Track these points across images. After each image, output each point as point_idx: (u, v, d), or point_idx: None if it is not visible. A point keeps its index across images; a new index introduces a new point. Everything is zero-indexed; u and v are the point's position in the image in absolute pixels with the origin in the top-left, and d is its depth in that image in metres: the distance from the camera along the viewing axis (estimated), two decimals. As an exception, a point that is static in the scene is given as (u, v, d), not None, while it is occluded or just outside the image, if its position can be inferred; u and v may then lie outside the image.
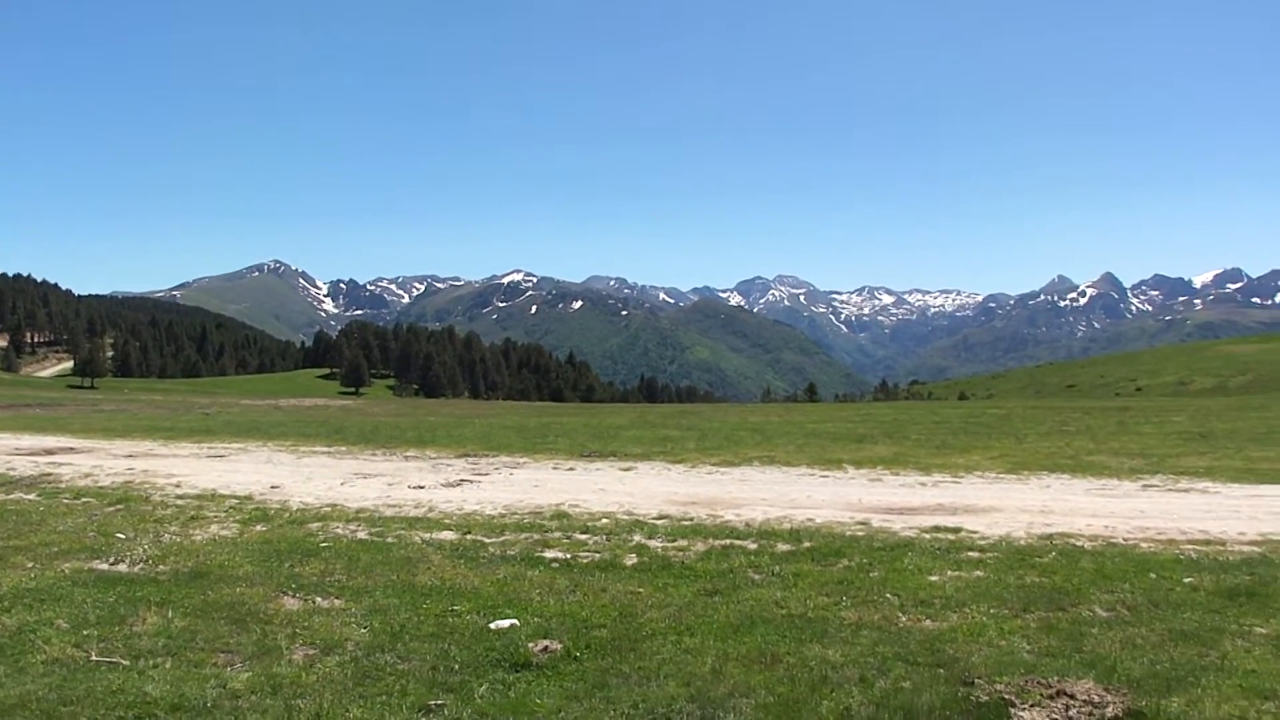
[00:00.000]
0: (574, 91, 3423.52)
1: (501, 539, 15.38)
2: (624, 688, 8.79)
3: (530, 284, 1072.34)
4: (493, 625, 10.50)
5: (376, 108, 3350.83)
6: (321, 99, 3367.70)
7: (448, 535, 15.73)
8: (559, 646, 9.76)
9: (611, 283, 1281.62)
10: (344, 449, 31.21)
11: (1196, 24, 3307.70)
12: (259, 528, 16.50)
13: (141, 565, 13.52)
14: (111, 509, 18.61)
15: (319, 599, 11.67)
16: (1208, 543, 14.98)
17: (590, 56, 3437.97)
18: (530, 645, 9.76)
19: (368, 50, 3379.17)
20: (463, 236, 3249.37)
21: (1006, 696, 8.59)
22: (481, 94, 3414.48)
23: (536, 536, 15.58)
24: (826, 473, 23.97)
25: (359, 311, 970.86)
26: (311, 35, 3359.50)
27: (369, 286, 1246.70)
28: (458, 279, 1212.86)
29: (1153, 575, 12.74)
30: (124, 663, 9.34)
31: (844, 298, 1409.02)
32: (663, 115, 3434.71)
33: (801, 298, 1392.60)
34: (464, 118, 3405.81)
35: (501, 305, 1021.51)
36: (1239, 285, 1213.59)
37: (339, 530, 16.25)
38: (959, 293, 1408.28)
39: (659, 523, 16.81)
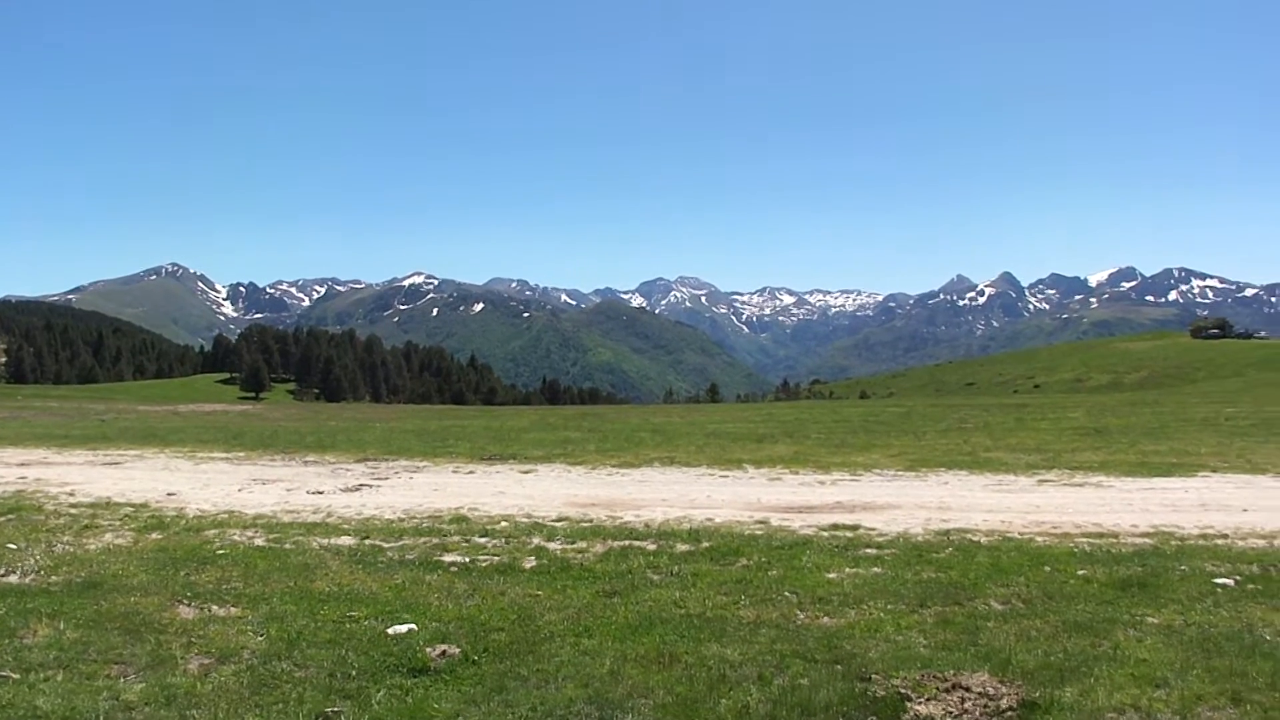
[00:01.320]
0: (473, 94, 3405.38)
1: (400, 543, 15.27)
2: (522, 691, 8.77)
3: (431, 286, 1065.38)
4: (390, 630, 10.41)
5: (274, 106, 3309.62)
6: (217, 97, 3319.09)
7: (346, 540, 15.60)
8: (457, 651, 9.71)
9: (513, 285, 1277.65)
10: (243, 455, 30.84)
11: (1090, 36, 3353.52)
12: (154, 536, 16.23)
13: (33, 576, 13.26)
14: (2, 519, 18.26)
15: (215, 607, 11.51)
16: (1101, 535, 15.24)
17: (490, 60, 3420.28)
18: (428, 650, 9.70)
19: (264, 46, 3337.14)
20: (364, 238, 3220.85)
21: (903, 691, 8.67)
22: (381, 95, 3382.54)
23: (435, 540, 15.49)
24: (727, 473, 24.05)
25: (259, 315, 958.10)
26: (208, 32, 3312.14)
27: (269, 290, 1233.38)
28: (359, 281, 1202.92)
29: (1047, 568, 12.93)
30: (14, 676, 9.16)
31: (745, 298, 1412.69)
32: (562, 118, 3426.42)
33: (703, 299, 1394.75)
34: (364, 118, 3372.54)
35: (403, 308, 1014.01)
36: (1133, 284, 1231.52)
37: (236, 537, 16.03)
38: (859, 293, 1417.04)
39: (558, 525, 16.78)
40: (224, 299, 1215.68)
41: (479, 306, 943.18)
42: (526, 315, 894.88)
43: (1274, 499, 18.88)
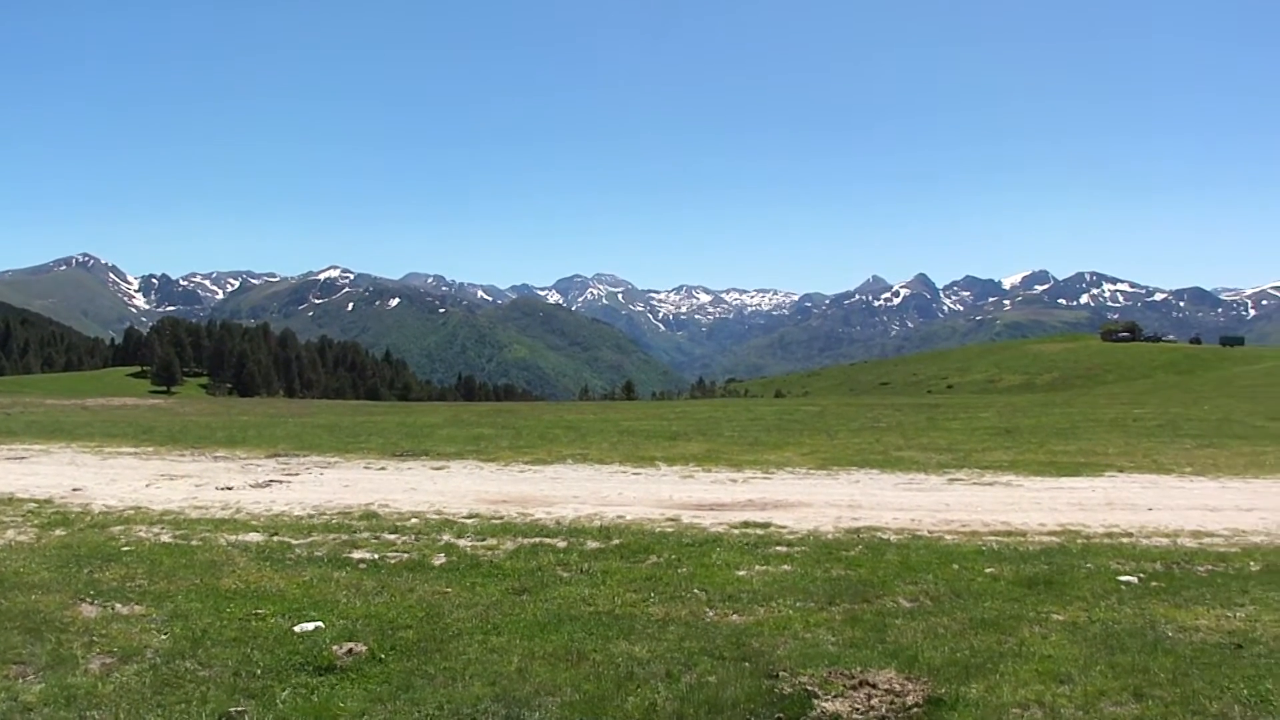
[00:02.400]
0: (390, 88, 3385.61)
1: (309, 540, 15.15)
2: (429, 689, 8.73)
3: (347, 281, 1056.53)
4: (297, 629, 10.32)
5: (189, 96, 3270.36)
6: (129, 84, 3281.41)
7: (254, 537, 15.44)
8: (364, 649, 9.65)
9: (430, 280, 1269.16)
10: (151, 450, 30.44)
11: (1002, 41, 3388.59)
12: (58, 532, 15.98)
13: (-69, 575, 13.06)
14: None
15: (119, 605, 11.34)
16: (1009, 534, 15.38)
17: (405, 53, 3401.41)
18: (335, 648, 9.63)
19: (180, 35, 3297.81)
20: (279, 231, 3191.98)
21: (810, 688, 8.70)
22: (294, 85, 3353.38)
23: (345, 537, 15.39)
24: (639, 470, 24.06)
25: (172, 308, 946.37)
26: (119, 18, 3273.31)
27: (182, 282, 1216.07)
28: (273, 275, 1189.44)
29: (956, 566, 13.05)
30: (-91, 676, 9.01)
31: (662, 296, 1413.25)
32: (477, 114, 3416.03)
33: (620, 296, 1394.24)
34: (279, 109, 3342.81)
35: (318, 302, 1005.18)
36: (1046, 287, 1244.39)
37: (142, 534, 15.82)
38: (776, 292, 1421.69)
39: (469, 521, 16.72)
40: (136, 291, 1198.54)
41: (395, 302, 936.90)
42: (443, 311, 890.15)
43: (1178, 499, 19.13)
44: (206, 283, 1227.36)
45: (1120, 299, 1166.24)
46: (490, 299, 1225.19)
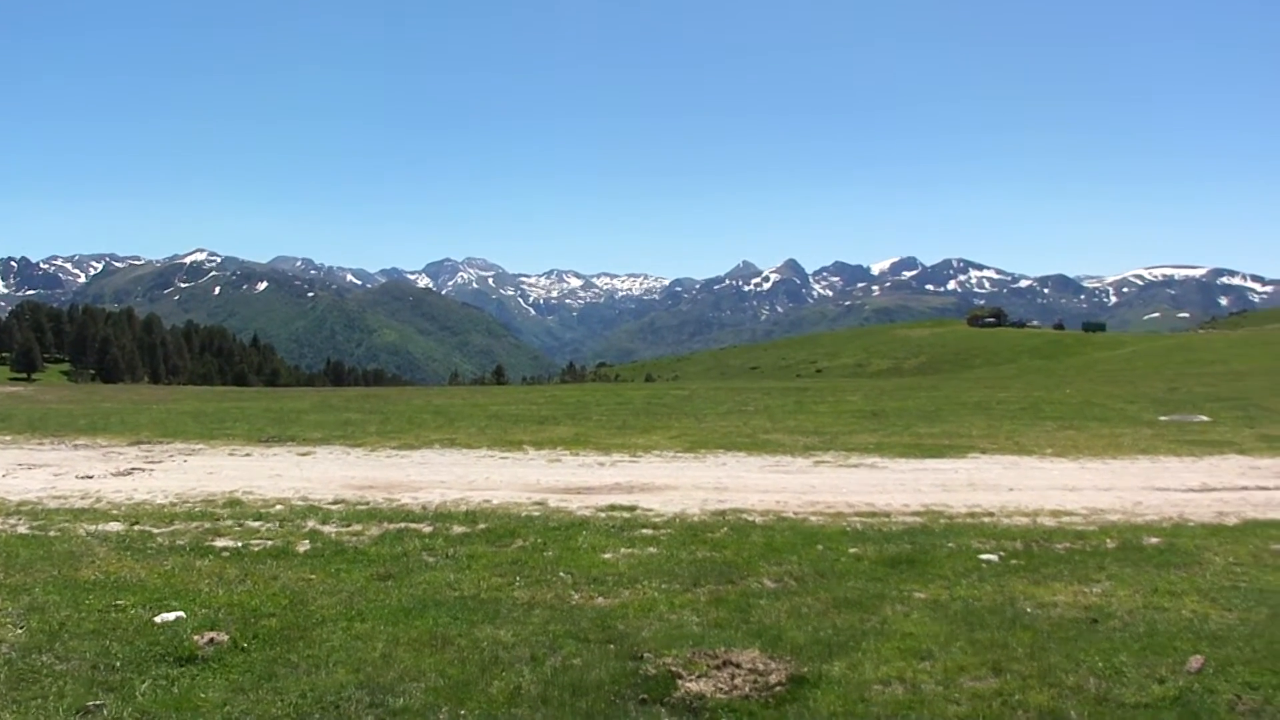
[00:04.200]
0: (256, 63, 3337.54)
1: (171, 529, 14.93)
2: (292, 677, 8.67)
3: (214, 264, 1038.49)
4: (158, 619, 10.17)
5: (48, 70, 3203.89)
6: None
7: (115, 527, 15.17)
8: (226, 638, 9.53)
9: (298, 263, 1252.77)
10: (9, 438, 29.76)
11: (880, 38, 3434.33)
12: (-92, 525, 15.61)
13: None
14: None
15: (-29, 599, 11.10)
16: (873, 515, 15.55)
17: (276, 27, 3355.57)
18: (196, 638, 9.49)
19: (29, 5, 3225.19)
20: (143, 212, 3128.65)
21: (674, 669, 8.75)
22: (154, 59, 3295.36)
23: (208, 525, 15.18)
24: (507, 454, 23.98)
25: (31, 292, 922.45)
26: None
27: (42, 265, 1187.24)
28: (138, 258, 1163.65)
29: (820, 547, 13.18)
30: None
31: (532, 280, 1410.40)
32: (348, 92, 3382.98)
33: (490, 280, 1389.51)
34: (143, 85, 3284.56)
35: (184, 286, 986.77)
36: (914, 273, 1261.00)
37: (-3, 524, 15.50)
38: (646, 276, 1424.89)
39: (334, 508, 16.58)
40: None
41: (263, 285, 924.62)
42: (311, 295, 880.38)
43: (1039, 479, 19.43)
44: (68, 266, 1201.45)
45: (987, 285, 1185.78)
46: (360, 283, 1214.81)
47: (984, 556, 12.66)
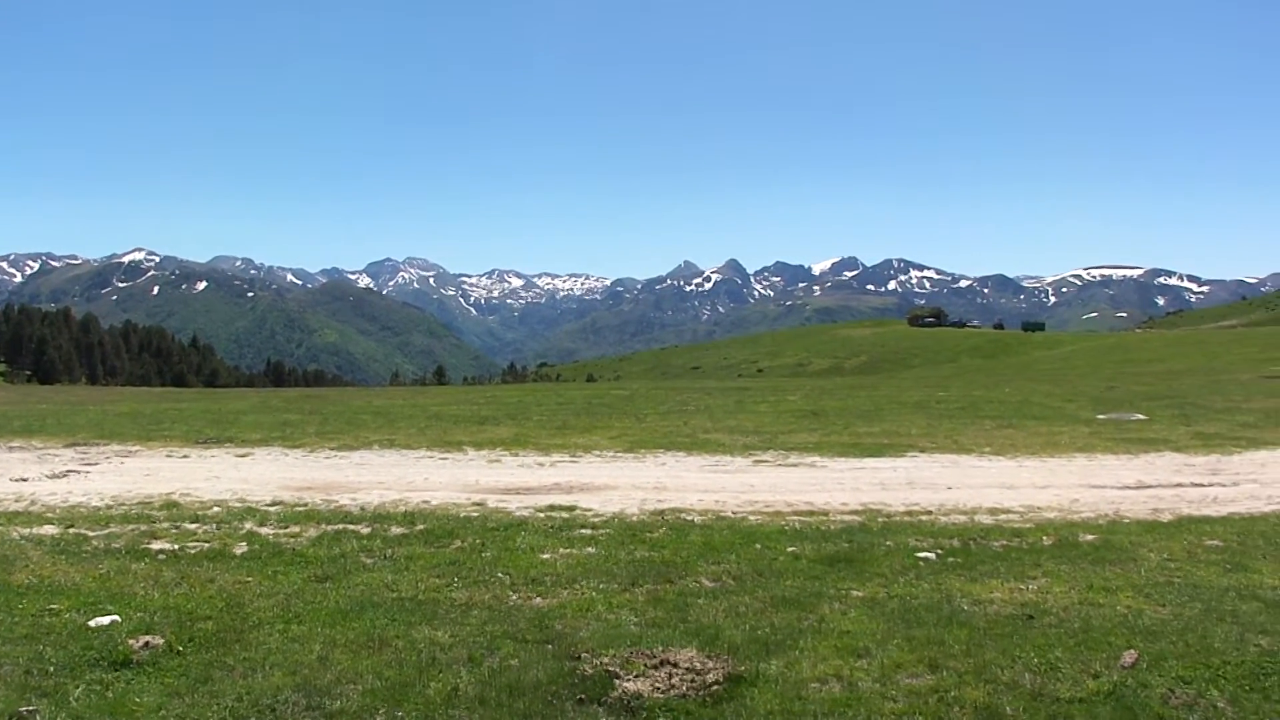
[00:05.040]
0: (190, 62, 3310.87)
1: (106, 531, 14.75)
2: (228, 680, 8.60)
3: (153, 263, 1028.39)
4: (92, 623, 10.04)
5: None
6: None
7: (49, 530, 14.94)
8: (161, 641, 9.43)
9: (238, 263, 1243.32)
10: (-59, 441, 29.47)
11: (828, 37, 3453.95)
12: None
13: None
14: None
15: (-99, 605, 10.94)
16: (812, 513, 15.63)
17: (214, 21, 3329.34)
18: (131, 642, 9.39)
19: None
20: (81, 211, 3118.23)
21: (612, 669, 8.75)
22: (95, 58, 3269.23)
23: (144, 528, 15.00)
24: (446, 455, 23.88)
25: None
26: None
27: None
28: (75, 257, 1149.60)
29: (758, 546, 13.22)
30: None
31: (474, 281, 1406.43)
32: (286, 89, 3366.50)
33: (431, 280, 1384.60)
34: (79, 81, 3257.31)
35: (122, 285, 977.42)
36: (855, 273, 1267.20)
37: (-73, 529, 15.29)
38: (588, 277, 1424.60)
39: (272, 509, 16.45)
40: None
41: (202, 285, 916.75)
42: (251, 295, 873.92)
43: (976, 477, 19.59)
44: (3, 265, 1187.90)
45: (927, 285, 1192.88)
46: (300, 283, 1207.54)
47: (921, 554, 12.75)
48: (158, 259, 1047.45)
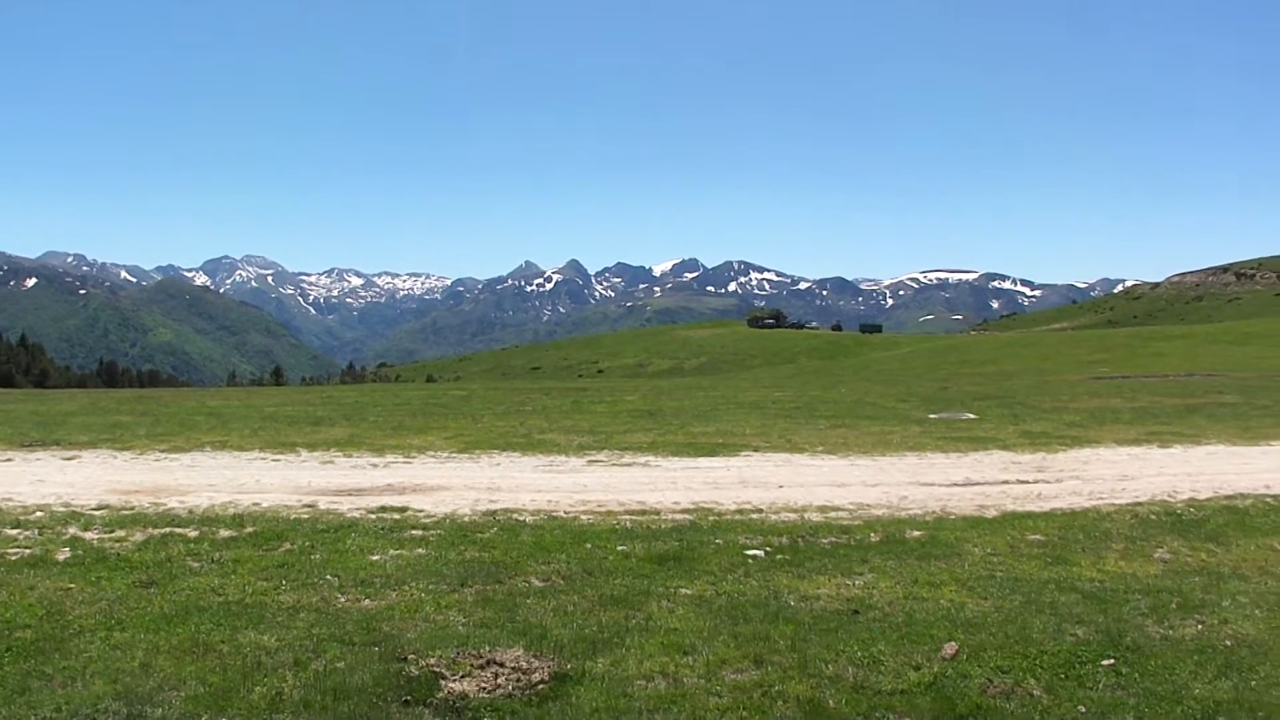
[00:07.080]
0: (24, 46, 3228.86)
1: (-79, 539, 14.37)
2: (47, 691, 8.45)
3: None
4: (-96, 634, 9.80)
5: None
6: None
7: None
8: (-23, 653, 9.22)
9: (70, 259, 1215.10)
10: None
11: (671, 43, 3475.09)
12: None
13: None
14: None
15: None
16: (644, 512, 15.71)
17: (45, 6, 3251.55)
18: (-57, 655, 9.17)
19: None
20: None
21: (438, 669, 8.81)
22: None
23: (-39, 535, 14.64)
24: (279, 456, 23.57)
25: None
26: None
27: None
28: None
29: (589, 545, 13.30)
30: None
31: (313, 279, 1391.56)
32: (114, 76, 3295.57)
33: (270, 278, 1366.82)
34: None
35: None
36: (695, 275, 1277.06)
37: None
38: (428, 276, 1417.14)
39: (98, 513, 16.05)
40: None
41: (31, 282, 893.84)
42: (83, 292, 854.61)
43: (808, 476, 19.82)
44: None
45: (767, 287, 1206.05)
46: (134, 280, 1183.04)
47: (750, 552, 12.91)
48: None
